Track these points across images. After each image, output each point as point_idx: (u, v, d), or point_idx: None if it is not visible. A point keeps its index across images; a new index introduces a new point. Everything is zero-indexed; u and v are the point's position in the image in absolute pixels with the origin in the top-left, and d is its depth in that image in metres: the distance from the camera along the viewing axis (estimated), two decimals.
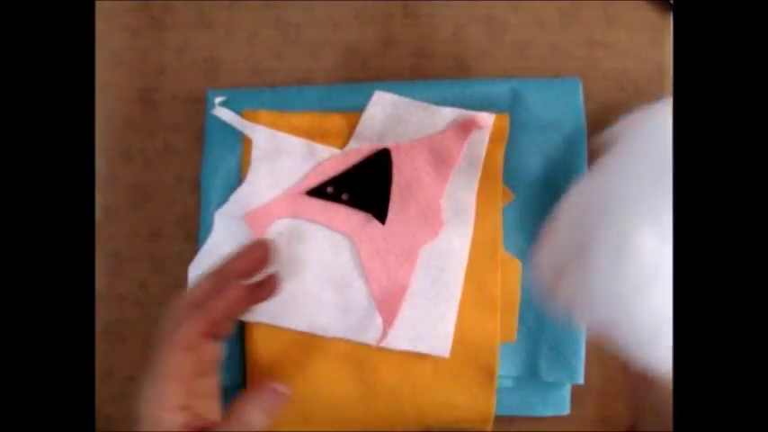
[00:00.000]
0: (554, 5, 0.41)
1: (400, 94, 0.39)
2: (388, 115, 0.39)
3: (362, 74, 0.41)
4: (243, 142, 0.39)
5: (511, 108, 0.39)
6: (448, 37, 0.41)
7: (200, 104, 0.41)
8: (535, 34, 0.41)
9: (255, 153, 0.39)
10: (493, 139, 0.38)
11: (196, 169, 0.40)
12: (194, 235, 0.41)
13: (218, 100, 0.39)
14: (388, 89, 0.39)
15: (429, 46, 0.41)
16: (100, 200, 0.41)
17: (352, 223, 0.38)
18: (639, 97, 0.41)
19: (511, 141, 0.39)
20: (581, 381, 0.38)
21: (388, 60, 0.41)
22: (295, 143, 0.39)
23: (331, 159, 0.39)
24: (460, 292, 0.38)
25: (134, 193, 0.41)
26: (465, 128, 0.38)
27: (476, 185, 0.38)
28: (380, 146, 0.38)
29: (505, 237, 0.39)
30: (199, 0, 0.41)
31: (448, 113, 0.38)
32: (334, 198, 0.38)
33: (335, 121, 0.39)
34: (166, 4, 0.41)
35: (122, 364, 0.41)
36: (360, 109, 0.39)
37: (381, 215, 0.38)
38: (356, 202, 0.38)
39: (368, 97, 0.39)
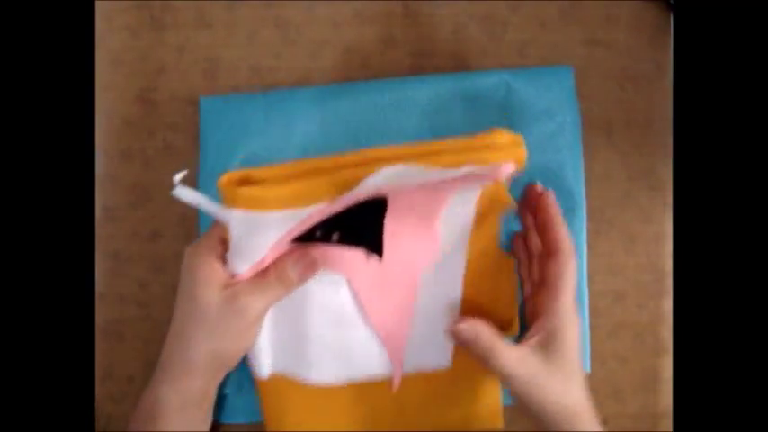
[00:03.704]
0: (554, 4, 0.41)
1: (393, 90, 0.39)
2: (386, 179, 0.33)
3: (362, 73, 0.41)
4: (241, 147, 0.39)
5: (505, 99, 0.39)
6: (448, 36, 0.41)
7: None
8: (535, 33, 0.41)
9: (233, 236, 0.33)
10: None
11: (196, 169, 0.40)
12: (194, 235, 0.41)
13: (177, 178, 0.32)
14: (381, 87, 0.39)
15: (429, 45, 0.41)
16: (100, 200, 0.41)
17: (346, 260, 0.36)
18: (639, 96, 0.41)
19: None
20: (587, 368, 0.39)
21: (387, 60, 0.41)
22: (276, 216, 0.33)
23: (317, 210, 0.34)
24: (460, 299, 0.38)
25: (134, 193, 0.41)
26: (477, 178, 0.34)
27: (475, 199, 0.37)
28: (375, 195, 0.35)
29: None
30: (199, 0, 0.41)
31: (459, 173, 0.33)
32: (324, 240, 0.35)
33: (324, 188, 0.33)
34: (166, 4, 0.41)
35: (122, 364, 0.41)
36: (359, 110, 0.39)
37: (377, 250, 0.36)
38: (348, 240, 0.36)
39: (362, 96, 0.39)
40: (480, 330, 0.33)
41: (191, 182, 0.41)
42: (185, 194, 0.32)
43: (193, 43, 0.41)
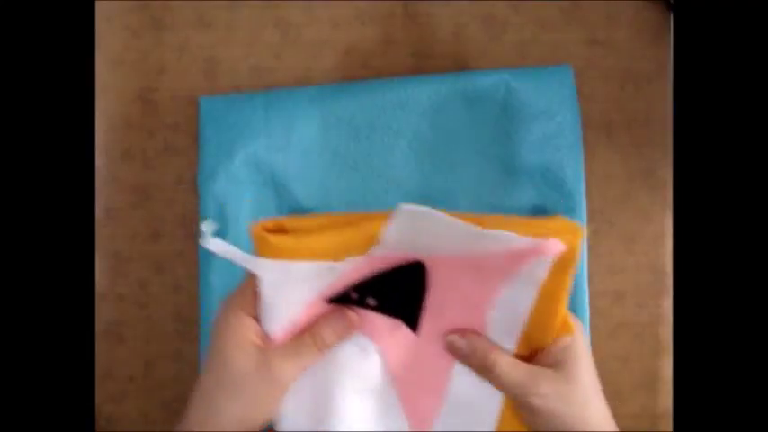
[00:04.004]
0: (554, 5, 0.41)
1: (393, 89, 0.39)
2: (418, 227, 0.31)
3: (362, 74, 0.41)
4: (241, 147, 0.39)
5: (505, 99, 0.39)
6: (448, 37, 0.41)
7: None
8: (535, 34, 0.41)
9: (264, 290, 0.32)
10: (559, 267, 0.31)
11: (196, 169, 0.40)
12: (194, 235, 0.41)
13: (206, 229, 0.33)
14: (381, 86, 0.39)
15: (429, 46, 0.41)
16: (100, 200, 0.41)
17: (379, 328, 0.33)
18: (639, 96, 0.41)
19: (505, 131, 0.39)
20: None
21: (388, 60, 0.41)
22: (308, 268, 0.32)
23: (353, 268, 0.32)
24: (502, 401, 0.34)
25: (134, 193, 0.41)
26: (523, 255, 0.31)
27: (532, 295, 0.32)
28: (411, 256, 0.32)
29: None
30: (199, 0, 0.41)
31: (499, 238, 0.30)
32: (359, 303, 0.33)
33: (357, 240, 0.31)
34: (166, 4, 0.41)
35: (122, 364, 0.41)
36: (359, 109, 0.39)
37: (412, 322, 0.33)
38: (384, 308, 0.33)
39: (362, 96, 0.39)
40: (476, 341, 0.32)
41: (191, 181, 0.41)
42: (215, 245, 0.32)
43: (193, 43, 0.41)
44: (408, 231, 0.31)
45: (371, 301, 0.33)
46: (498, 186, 0.39)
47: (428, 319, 0.33)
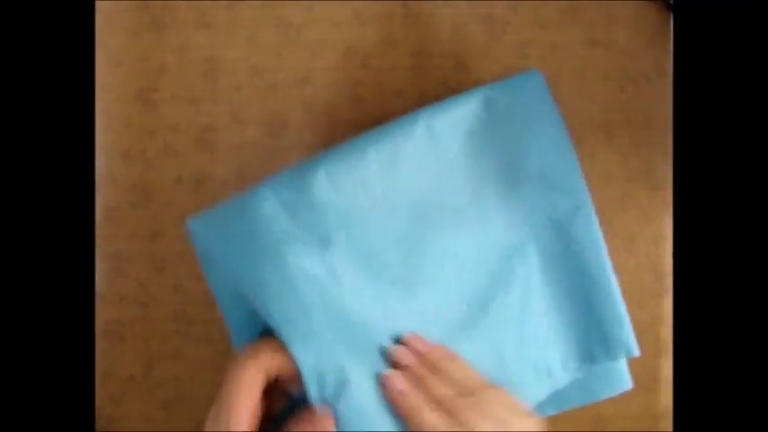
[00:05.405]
0: (554, 5, 0.41)
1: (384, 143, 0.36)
2: None
3: (362, 73, 0.41)
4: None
5: (486, 118, 0.38)
6: (448, 37, 0.41)
7: (200, 104, 0.41)
8: (535, 34, 0.41)
9: None
10: None
11: (196, 169, 0.40)
12: None
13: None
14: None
15: (429, 46, 0.41)
16: (100, 200, 0.41)
17: None
18: (639, 96, 0.41)
19: (492, 145, 0.38)
20: (636, 352, 0.37)
21: (388, 60, 0.41)
22: None
23: None
24: None
25: (134, 193, 0.41)
26: None
27: None
28: None
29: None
30: (199, 0, 0.41)
31: None
32: None
33: None
34: (166, 4, 0.41)
35: (122, 364, 0.41)
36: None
37: None
38: None
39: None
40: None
41: (191, 181, 0.41)
42: None
43: (193, 43, 0.41)
44: None
45: None
46: (501, 196, 0.39)
47: None
